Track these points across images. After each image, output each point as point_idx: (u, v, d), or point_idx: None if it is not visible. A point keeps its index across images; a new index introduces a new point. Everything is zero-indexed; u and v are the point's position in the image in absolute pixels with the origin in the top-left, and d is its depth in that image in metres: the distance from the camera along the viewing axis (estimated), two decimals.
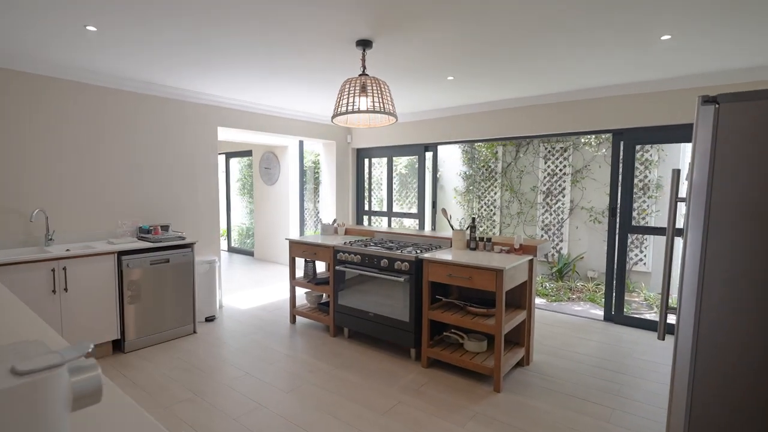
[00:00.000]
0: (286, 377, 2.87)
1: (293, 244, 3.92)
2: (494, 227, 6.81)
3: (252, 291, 5.18)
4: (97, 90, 3.44)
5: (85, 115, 3.39)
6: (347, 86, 2.61)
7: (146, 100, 3.76)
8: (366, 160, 6.06)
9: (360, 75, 2.63)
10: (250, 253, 7.64)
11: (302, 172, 6.68)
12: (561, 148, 6.06)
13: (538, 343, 3.53)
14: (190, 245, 3.62)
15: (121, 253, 3.20)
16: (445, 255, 2.99)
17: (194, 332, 3.70)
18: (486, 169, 6.83)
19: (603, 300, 4.37)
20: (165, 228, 3.82)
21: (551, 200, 6.21)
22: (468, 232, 3.27)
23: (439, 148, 7.14)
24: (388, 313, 3.20)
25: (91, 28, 2.43)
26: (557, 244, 6.17)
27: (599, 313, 4.46)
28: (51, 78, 3.18)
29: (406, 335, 3.11)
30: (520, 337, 3.11)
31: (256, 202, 7.19)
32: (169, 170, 3.98)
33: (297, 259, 4.47)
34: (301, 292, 5.00)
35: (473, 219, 3.27)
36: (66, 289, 2.91)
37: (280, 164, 6.68)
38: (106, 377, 0.87)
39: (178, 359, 3.14)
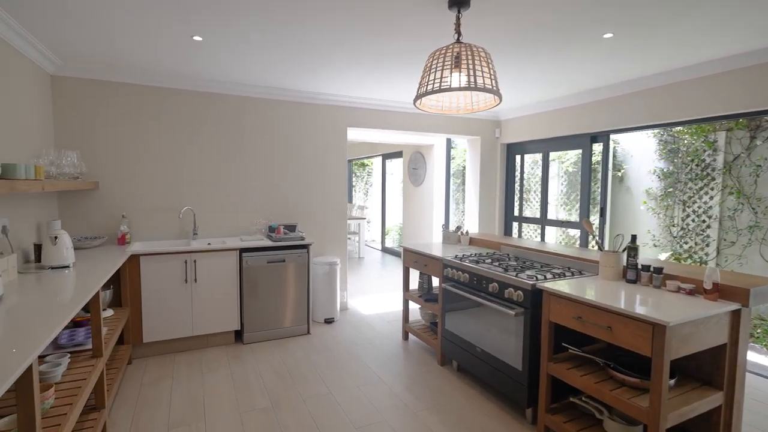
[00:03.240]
0: (365, 408, 2.49)
1: (406, 251, 3.51)
2: (708, 245, 4.88)
3: (381, 295, 5.01)
4: (234, 99, 3.78)
5: (225, 123, 3.76)
6: (433, 60, 2.04)
7: (278, 106, 3.95)
8: (518, 157, 5.16)
9: (453, 44, 2.02)
10: (399, 254, 7.60)
11: (449, 172, 6.20)
12: None
13: None
14: (306, 246, 3.63)
15: (242, 250, 3.40)
16: (578, 287, 2.08)
17: (308, 333, 3.70)
18: (696, 165, 4.95)
19: None
20: (291, 228, 3.96)
21: None
22: (625, 255, 2.24)
23: (620, 138, 5.62)
24: (498, 354, 2.46)
25: (197, 38, 2.56)
26: None
27: None
28: (194, 92, 3.62)
29: (518, 388, 2.32)
30: (710, 430, 1.92)
31: (405, 203, 7.07)
32: (299, 172, 4.11)
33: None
34: (416, 306, 4.55)
35: (633, 237, 2.20)
36: (195, 280, 3.24)
37: (426, 164, 6.36)
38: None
39: (280, 360, 3.14)
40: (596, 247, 2.36)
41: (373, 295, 5.02)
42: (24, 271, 2.27)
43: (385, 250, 8.30)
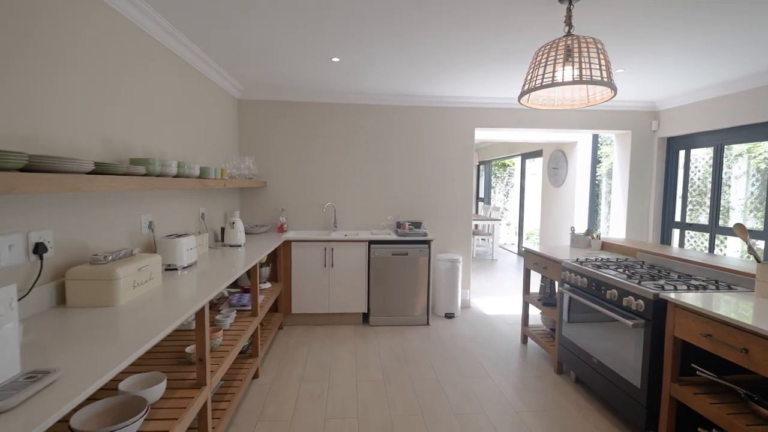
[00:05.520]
0: (467, 398, 2.58)
1: (527, 252, 3.42)
2: None
3: (507, 298, 4.88)
4: (367, 108, 4.23)
5: (359, 129, 4.25)
6: (541, 54, 2.02)
7: (406, 111, 4.27)
8: (681, 153, 4.40)
9: (562, 37, 1.97)
10: None
11: (594, 172, 5.62)
12: None
13: None
14: (427, 242, 3.85)
15: (371, 242, 3.82)
16: (712, 300, 1.79)
17: (427, 324, 3.91)
18: None
19: None
20: (417, 225, 4.23)
21: None
22: None
23: None
24: (615, 367, 2.25)
25: (335, 59, 3.04)
26: None
27: None
28: (334, 104, 4.19)
29: (635, 408, 2.09)
30: None
31: (543, 205, 6.67)
32: (427, 172, 4.36)
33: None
34: (538, 311, 4.27)
35: None
36: (332, 265, 3.79)
37: (567, 164, 5.89)
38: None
39: (398, 344, 3.43)
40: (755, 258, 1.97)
41: (499, 297, 4.94)
42: (213, 247, 3.08)
43: (522, 253, 7.94)
